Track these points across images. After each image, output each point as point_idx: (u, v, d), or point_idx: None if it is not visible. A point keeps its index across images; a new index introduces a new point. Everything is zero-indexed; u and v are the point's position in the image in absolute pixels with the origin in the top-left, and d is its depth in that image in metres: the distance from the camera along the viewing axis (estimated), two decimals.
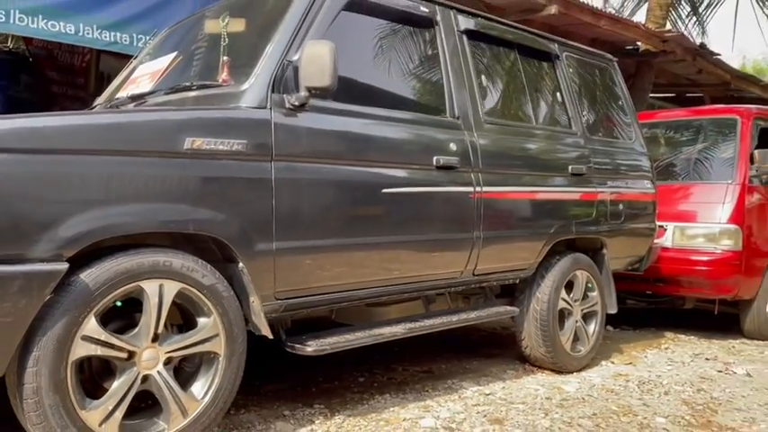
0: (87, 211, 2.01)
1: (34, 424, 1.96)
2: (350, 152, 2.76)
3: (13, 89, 9.13)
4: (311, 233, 2.59)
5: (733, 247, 5.07)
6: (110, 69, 7.31)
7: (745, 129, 5.51)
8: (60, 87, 8.97)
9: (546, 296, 3.78)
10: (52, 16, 3.87)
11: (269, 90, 2.54)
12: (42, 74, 8.40)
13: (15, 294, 1.85)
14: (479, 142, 3.35)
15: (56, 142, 1.99)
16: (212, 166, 2.31)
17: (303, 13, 2.74)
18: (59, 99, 10.54)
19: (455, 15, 3.48)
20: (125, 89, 3.29)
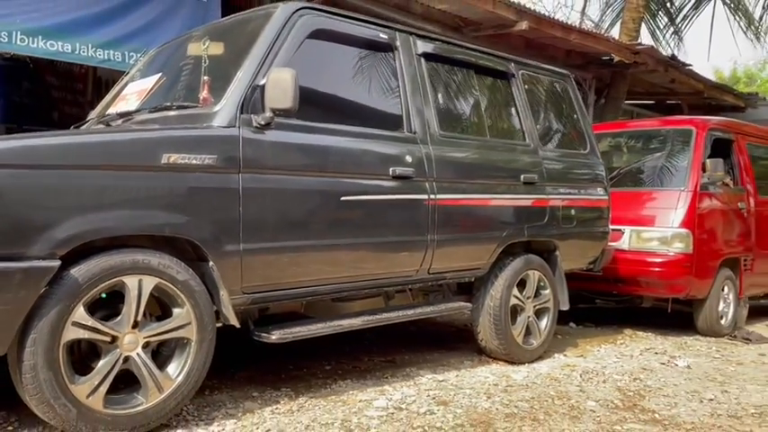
0: (77, 216, 2.39)
1: (31, 395, 2.34)
2: (310, 164, 3.15)
3: (14, 94, 9.51)
4: (274, 236, 2.97)
5: (684, 249, 5.45)
6: (108, 75, 7.69)
7: (700, 139, 5.89)
8: (60, 92, 9.34)
9: (499, 293, 4.16)
10: (50, 37, 4.25)
11: (238, 111, 2.92)
12: (42, 80, 8.79)
13: (16, 286, 2.22)
14: (434, 154, 3.72)
15: (49, 159, 2.37)
16: (186, 178, 2.69)
17: (271, 42, 3.11)
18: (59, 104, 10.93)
19: (414, 40, 3.86)
20: (115, 105, 3.67)
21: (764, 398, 3.82)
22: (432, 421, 3.06)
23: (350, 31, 3.51)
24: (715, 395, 3.81)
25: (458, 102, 4.18)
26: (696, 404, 3.62)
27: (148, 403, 2.59)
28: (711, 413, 3.46)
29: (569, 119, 5.04)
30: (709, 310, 5.74)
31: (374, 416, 3.08)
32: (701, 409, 3.53)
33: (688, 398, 3.74)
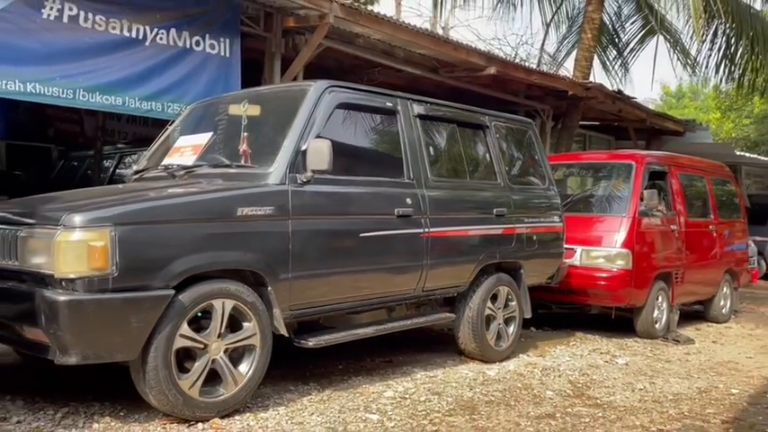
0: (181, 258, 3.27)
1: (151, 388, 3.22)
2: (338, 209, 4.09)
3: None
4: (313, 265, 3.89)
5: (625, 266, 6.54)
6: None
7: (639, 172, 7.00)
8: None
9: (476, 305, 5.14)
10: (105, 92, 5.07)
11: (287, 171, 3.83)
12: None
13: (147, 309, 3.11)
14: (427, 195, 4.69)
15: (163, 216, 3.26)
16: (253, 225, 3.59)
17: (308, 115, 4.03)
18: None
19: (410, 104, 4.83)
20: (171, 156, 4.51)
21: (682, 388, 4.89)
22: (431, 407, 4.03)
23: (364, 101, 4.46)
24: (644, 386, 4.87)
25: (444, 150, 5.17)
26: (629, 393, 4.67)
27: (228, 394, 3.49)
28: (640, 399, 4.51)
29: (531, 158, 6.07)
30: (646, 316, 6.85)
31: (387, 403, 4.04)
32: (632, 396, 4.58)
33: (623, 388, 4.79)
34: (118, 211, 3.15)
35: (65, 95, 4.78)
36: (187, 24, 5.53)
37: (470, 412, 3.98)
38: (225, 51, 5.79)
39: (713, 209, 8.26)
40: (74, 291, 2.98)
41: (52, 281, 3.01)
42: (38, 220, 3.16)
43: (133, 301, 3.08)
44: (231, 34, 5.83)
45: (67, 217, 3.02)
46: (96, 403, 3.63)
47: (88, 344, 3.03)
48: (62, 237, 2.98)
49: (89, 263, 2.97)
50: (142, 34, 5.28)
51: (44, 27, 4.69)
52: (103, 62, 5.03)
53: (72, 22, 4.87)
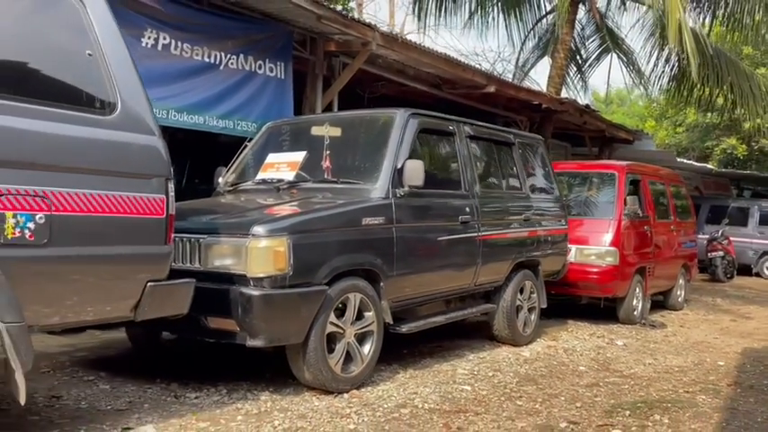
0: (331, 259, 4.01)
1: (309, 365, 3.94)
2: (424, 217, 4.90)
3: None
4: (408, 264, 4.69)
5: (613, 262, 7.62)
6: None
7: (621, 180, 8.11)
8: None
9: (509, 297, 6.05)
10: (190, 112, 5.66)
11: (390, 185, 4.61)
12: None
13: (312, 301, 3.84)
14: (478, 204, 5.56)
15: (318, 225, 3.99)
16: (372, 231, 4.36)
17: (399, 138, 4.81)
18: None
19: (463, 126, 5.68)
20: (265, 171, 5.17)
21: (680, 362, 5.97)
22: (502, 380, 4.91)
23: (434, 125, 5.30)
24: (651, 361, 5.91)
25: (486, 165, 6.05)
26: (642, 366, 5.70)
27: (357, 370, 4.25)
28: (654, 371, 5.54)
29: (543, 171, 7.05)
30: (627, 304, 7.96)
31: (465, 378, 4.88)
32: (647, 369, 5.61)
33: (636, 363, 5.82)
34: (290, 222, 3.86)
35: (161, 116, 5.34)
36: (251, 50, 6.17)
37: (534, 384, 4.88)
38: (281, 74, 6.46)
39: (673, 211, 9.52)
40: (263, 287, 3.67)
41: (243, 280, 3.69)
42: (225, 230, 3.82)
43: (304, 295, 3.81)
44: (286, 58, 6.51)
45: (256, 228, 3.71)
46: (243, 382, 4.31)
47: (273, 330, 3.74)
48: (253, 244, 3.67)
49: (274, 264, 3.68)
50: (218, 59, 5.90)
51: (143, 55, 5.24)
52: (189, 85, 5.63)
53: (165, 50, 5.45)
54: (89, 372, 4.50)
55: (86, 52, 2.90)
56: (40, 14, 2.82)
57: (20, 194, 2.53)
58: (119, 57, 3.02)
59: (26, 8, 2.77)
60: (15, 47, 2.70)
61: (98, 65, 2.92)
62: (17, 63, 2.71)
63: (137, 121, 3.01)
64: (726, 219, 16.09)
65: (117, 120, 2.92)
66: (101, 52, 2.94)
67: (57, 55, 2.85)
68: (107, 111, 2.91)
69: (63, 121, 2.74)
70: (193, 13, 5.65)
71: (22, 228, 2.52)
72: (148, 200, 2.98)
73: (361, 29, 6.45)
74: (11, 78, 2.66)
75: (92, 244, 2.77)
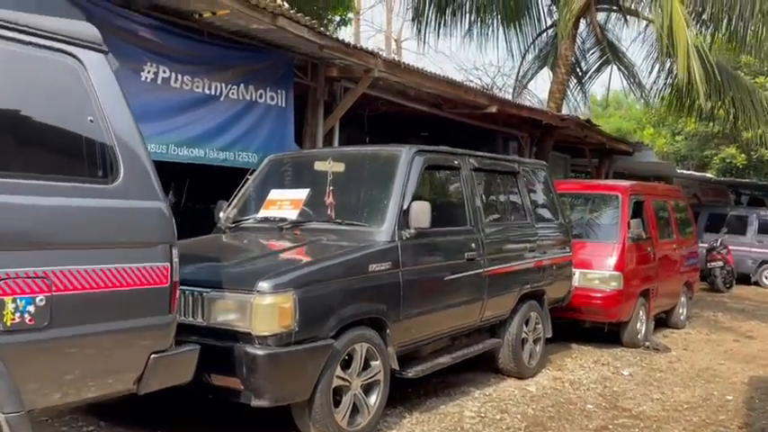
0: (338, 310, 3.91)
1: (317, 422, 3.84)
2: (430, 258, 4.79)
3: None
4: (415, 307, 4.59)
5: (617, 287, 7.53)
6: None
7: (625, 203, 8.02)
8: None
9: (514, 330, 5.96)
10: (190, 146, 5.53)
11: (396, 228, 4.50)
12: None
13: (318, 357, 3.73)
14: (484, 238, 5.46)
15: (323, 276, 3.89)
16: (379, 278, 4.26)
17: (405, 178, 4.70)
18: None
19: (468, 159, 5.58)
20: (268, 209, 5.06)
21: (687, 396, 5.89)
22: (509, 424, 4.81)
23: (440, 160, 5.20)
24: (659, 396, 5.83)
25: (491, 197, 5.95)
26: (651, 403, 5.61)
27: (364, 422, 4.15)
28: (662, 408, 5.46)
29: (548, 197, 6.96)
30: (631, 328, 7.88)
31: (473, 423, 4.79)
32: (655, 406, 5.53)
33: (644, 398, 5.73)
34: (295, 275, 3.75)
35: (160, 150, 5.23)
36: (252, 79, 6.05)
37: (543, 428, 4.79)
38: (282, 102, 6.34)
39: (675, 229, 9.44)
40: (268, 345, 3.57)
41: (248, 337, 3.59)
42: (229, 285, 3.71)
43: (310, 351, 3.70)
44: (286, 86, 6.39)
45: (261, 284, 3.60)
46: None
47: (279, 389, 3.64)
48: (257, 301, 3.56)
49: (279, 322, 3.58)
50: (218, 90, 5.78)
51: (143, 89, 5.12)
52: (189, 118, 5.51)
53: (164, 83, 5.33)
54: (89, 420, 4.39)
55: (88, 119, 2.78)
56: (35, 80, 2.69)
57: (19, 277, 2.42)
58: (121, 120, 2.90)
59: (19, 73, 2.64)
60: (7, 116, 2.58)
61: (100, 131, 2.80)
62: (10, 134, 2.58)
63: (140, 187, 2.90)
64: (725, 227, 16.07)
65: (119, 188, 2.81)
66: (103, 117, 2.82)
67: (55, 123, 2.74)
68: (109, 179, 2.79)
69: (63, 195, 2.62)
70: (193, 45, 5.53)
71: (21, 312, 2.41)
72: (152, 269, 2.87)
73: (364, 56, 6.35)
74: (3, 151, 2.54)
75: (94, 321, 2.66)
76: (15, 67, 2.62)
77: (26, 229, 2.48)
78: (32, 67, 2.68)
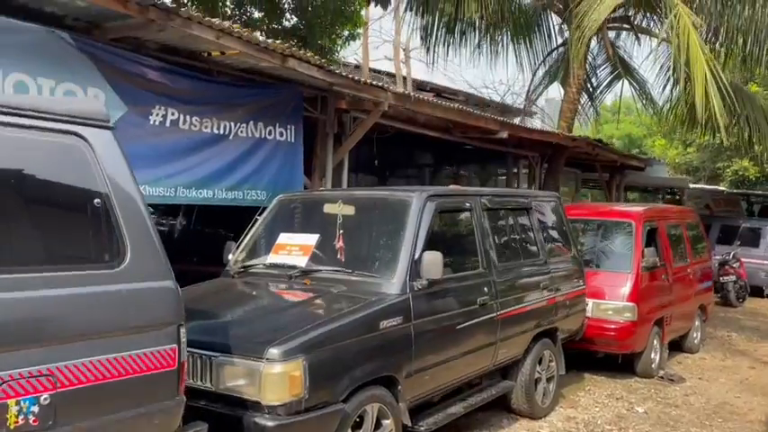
0: (348, 372, 3.82)
1: None
2: (442, 307, 4.70)
3: None
4: (427, 360, 4.50)
5: (631, 318, 7.41)
6: None
7: (639, 231, 7.89)
8: None
9: (527, 371, 5.86)
10: (199, 187, 5.47)
11: (407, 278, 4.41)
12: None
13: (329, 423, 3.65)
14: (496, 280, 5.37)
15: (333, 339, 3.80)
16: (390, 335, 4.17)
17: (416, 226, 4.62)
18: None
19: (480, 199, 5.48)
20: (277, 254, 4.97)
21: None
22: None
23: (452, 204, 5.11)
24: None
25: (504, 236, 5.85)
26: None
27: None
28: None
29: (560, 230, 6.85)
30: (645, 358, 7.76)
31: None
32: None
33: None
34: (304, 340, 3.66)
35: (168, 194, 5.17)
36: (262, 116, 5.98)
37: None
38: (291, 137, 6.27)
39: (689, 253, 9.30)
40: (278, 415, 3.49)
41: (257, 406, 3.51)
42: (238, 350, 3.63)
43: (321, 418, 3.62)
44: (296, 121, 6.32)
45: (270, 350, 3.52)
46: None
47: None
48: (267, 369, 3.48)
49: (290, 390, 3.50)
50: (228, 129, 5.71)
51: (151, 132, 5.06)
52: (198, 159, 5.44)
53: (173, 125, 5.26)
54: None
55: (95, 201, 2.71)
56: (41, 165, 2.61)
57: (22, 378, 2.35)
58: (128, 197, 2.82)
59: (24, 160, 2.56)
60: (9, 206, 2.50)
61: (107, 212, 2.72)
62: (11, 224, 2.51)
63: (147, 267, 2.82)
64: (737, 240, 15.91)
65: (126, 270, 2.73)
66: (109, 197, 2.75)
67: (61, 209, 2.67)
68: (116, 262, 2.72)
69: (68, 286, 2.53)
70: (202, 85, 5.47)
71: (25, 414, 2.34)
72: (160, 353, 2.79)
73: (374, 91, 6.27)
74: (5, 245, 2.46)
75: (99, 414, 2.58)
76: (20, 153, 2.55)
77: (29, 327, 2.41)
78: (38, 152, 2.61)
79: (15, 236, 2.49)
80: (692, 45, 7.58)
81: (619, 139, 29.86)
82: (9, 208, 2.49)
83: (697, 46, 7.51)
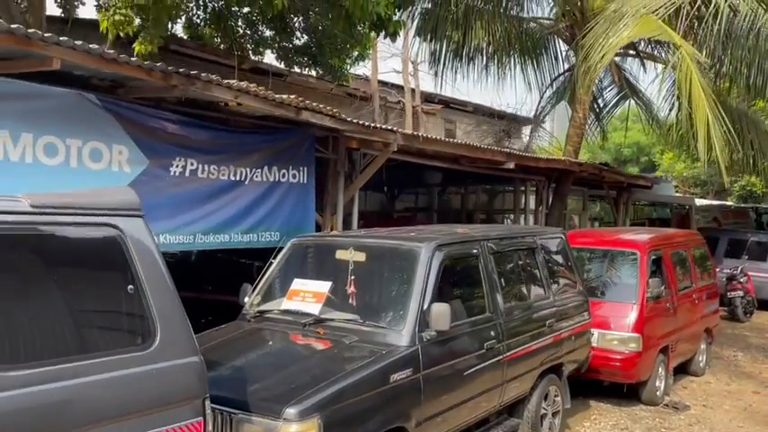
0: (358, 428, 4.03)
1: None
2: (449, 356, 4.89)
3: None
4: (435, 408, 4.70)
5: (636, 348, 7.57)
6: None
7: (644, 261, 8.05)
8: None
9: (533, 408, 6.04)
10: (216, 232, 5.71)
11: (416, 329, 4.61)
12: None
13: None
14: (502, 323, 5.56)
15: (347, 396, 4.00)
16: (400, 387, 4.37)
17: (425, 277, 4.82)
18: None
19: (486, 244, 5.67)
20: (291, 300, 5.18)
21: None
22: None
23: (460, 251, 5.30)
24: None
25: (510, 278, 6.04)
26: None
27: None
28: None
29: (566, 265, 7.03)
30: (650, 387, 7.92)
31: None
32: None
33: None
34: (320, 398, 3.86)
35: (187, 241, 5.40)
36: (276, 160, 6.21)
37: None
38: (303, 178, 6.50)
39: (694, 278, 9.43)
40: None
41: None
42: (256, 408, 3.84)
43: None
44: (309, 162, 6.54)
45: (287, 410, 3.73)
46: None
47: None
48: (284, 428, 3.69)
49: None
50: (244, 175, 5.95)
51: (172, 183, 5.29)
52: (215, 206, 5.68)
53: (192, 174, 5.50)
54: None
55: (128, 288, 2.92)
56: (78, 258, 2.84)
57: None
58: (158, 280, 3.03)
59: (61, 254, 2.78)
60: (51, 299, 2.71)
61: (139, 298, 2.94)
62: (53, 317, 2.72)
63: (175, 346, 3.02)
64: (745, 254, 16.00)
65: (156, 351, 2.94)
66: (141, 282, 2.95)
67: (97, 299, 2.88)
68: (146, 345, 2.93)
69: (102, 372, 2.72)
70: (220, 135, 5.70)
71: None
72: (187, 427, 3.00)
73: (383, 133, 6.48)
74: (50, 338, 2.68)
75: None
76: (61, 247, 2.78)
77: (65, 414, 2.61)
78: (77, 245, 2.83)
79: (58, 328, 2.71)
80: (695, 88, 7.73)
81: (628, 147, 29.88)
82: (50, 302, 2.71)
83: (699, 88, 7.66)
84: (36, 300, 2.67)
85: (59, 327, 2.72)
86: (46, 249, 2.75)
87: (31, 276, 2.69)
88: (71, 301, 2.80)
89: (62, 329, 2.73)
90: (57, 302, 2.73)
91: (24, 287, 2.64)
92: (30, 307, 2.64)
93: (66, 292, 2.78)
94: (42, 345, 2.65)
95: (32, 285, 2.67)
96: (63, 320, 2.74)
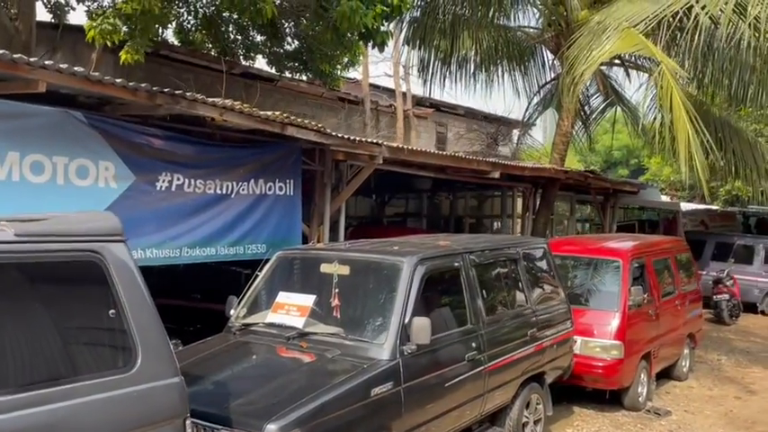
0: None
1: None
2: (430, 368, 5.00)
3: None
4: (415, 419, 4.80)
5: (618, 355, 7.69)
6: None
7: (626, 269, 8.17)
8: None
9: (515, 416, 6.15)
10: (202, 245, 5.79)
11: (397, 343, 4.71)
12: None
13: None
14: (484, 334, 5.67)
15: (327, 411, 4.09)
16: (381, 401, 4.47)
17: (406, 291, 4.92)
18: None
19: (467, 256, 5.78)
20: (276, 313, 5.27)
21: None
22: None
23: (441, 265, 5.40)
24: None
25: (492, 288, 6.15)
26: None
27: None
28: None
29: (548, 275, 7.15)
30: (632, 393, 8.04)
31: None
32: None
33: None
34: (300, 414, 3.94)
35: (173, 255, 5.49)
36: (262, 173, 6.30)
37: None
38: (290, 191, 6.59)
39: (677, 284, 9.56)
40: None
41: None
42: (238, 423, 3.93)
43: None
44: (295, 174, 6.63)
45: (268, 427, 3.82)
46: None
47: None
48: None
49: None
50: (230, 189, 6.03)
51: (158, 198, 5.38)
52: (201, 219, 5.76)
53: (178, 189, 5.58)
54: None
55: (110, 312, 3.01)
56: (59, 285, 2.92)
57: None
58: (139, 304, 3.11)
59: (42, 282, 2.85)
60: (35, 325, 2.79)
61: (120, 321, 3.03)
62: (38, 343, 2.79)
63: (156, 367, 3.11)
64: (732, 257, 16.18)
65: (137, 373, 3.03)
66: (122, 306, 3.04)
67: (77, 324, 2.97)
68: (128, 367, 3.02)
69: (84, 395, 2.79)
70: (206, 149, 5.78)
71: None
72: None
73: (369, 147, 6.58)
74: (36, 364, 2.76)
75: None
76: (43, 274, 2.86)
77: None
78: (59, 271, 2.91)
79: (42, 353, 2.79)
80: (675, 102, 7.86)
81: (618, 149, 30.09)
82: (34, 328, 2.80)
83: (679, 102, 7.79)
84: (20, 325, 2.75)
85: (43, 351, 2.81)
86: (29, 277, 2.83)
87: (14, 303, 2.78)
88: (55, 327, 2.88)
89: (46, 354, 2.82)
90: (40, 328, 2.82)
91: (8, 314, 2.73)
92: (14, 333, 2.73)
93: (49, 318, 2.86)
94: (27, 370, 2.74)
95: (16, 312, 2.76)
96: (47, 345, 2.83)
